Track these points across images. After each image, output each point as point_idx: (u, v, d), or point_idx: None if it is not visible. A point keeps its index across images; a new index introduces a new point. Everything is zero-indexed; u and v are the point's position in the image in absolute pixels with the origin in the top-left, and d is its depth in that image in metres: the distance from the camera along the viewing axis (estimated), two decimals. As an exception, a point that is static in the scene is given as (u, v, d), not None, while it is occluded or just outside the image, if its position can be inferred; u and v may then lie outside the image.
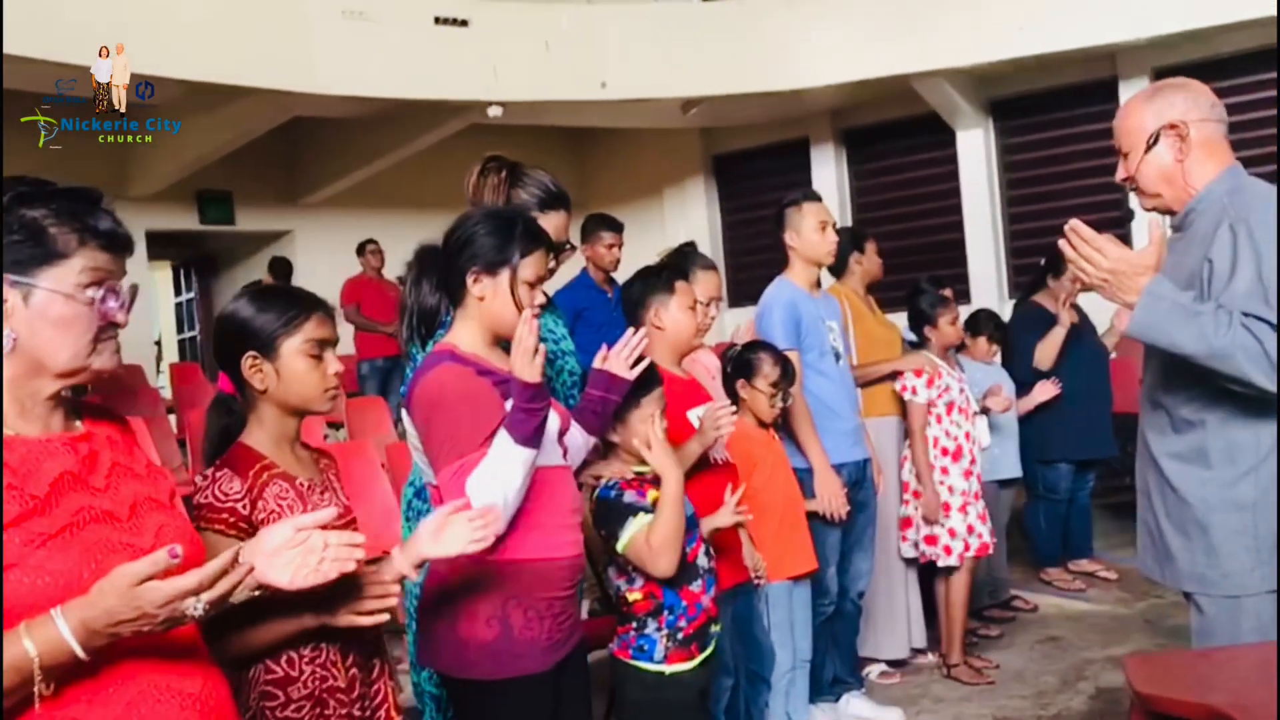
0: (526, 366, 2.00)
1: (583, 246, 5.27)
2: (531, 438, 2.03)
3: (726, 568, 2.84)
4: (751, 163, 9.90)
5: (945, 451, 4.11)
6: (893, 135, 9.29)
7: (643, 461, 2.43)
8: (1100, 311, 5.89)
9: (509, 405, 2.04)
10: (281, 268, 8.57)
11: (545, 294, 2.57)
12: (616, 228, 5.24)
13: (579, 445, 2.40)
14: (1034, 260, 8.42)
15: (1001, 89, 8.68)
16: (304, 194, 9.52)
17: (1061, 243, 2.06)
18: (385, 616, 1.80)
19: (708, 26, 8.40)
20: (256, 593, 1.45)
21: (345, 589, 1.73)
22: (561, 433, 2.24)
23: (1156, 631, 4.53)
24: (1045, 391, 5.00)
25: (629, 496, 2.40)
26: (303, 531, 1.48)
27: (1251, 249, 2.02)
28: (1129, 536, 5.96)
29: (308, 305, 1.91)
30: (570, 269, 5.49)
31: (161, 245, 9.28)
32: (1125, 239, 2.33)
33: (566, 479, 2.24)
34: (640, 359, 2.41)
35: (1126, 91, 8.15)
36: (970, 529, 4.10)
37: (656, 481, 2.38)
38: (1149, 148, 2.20)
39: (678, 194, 10.20)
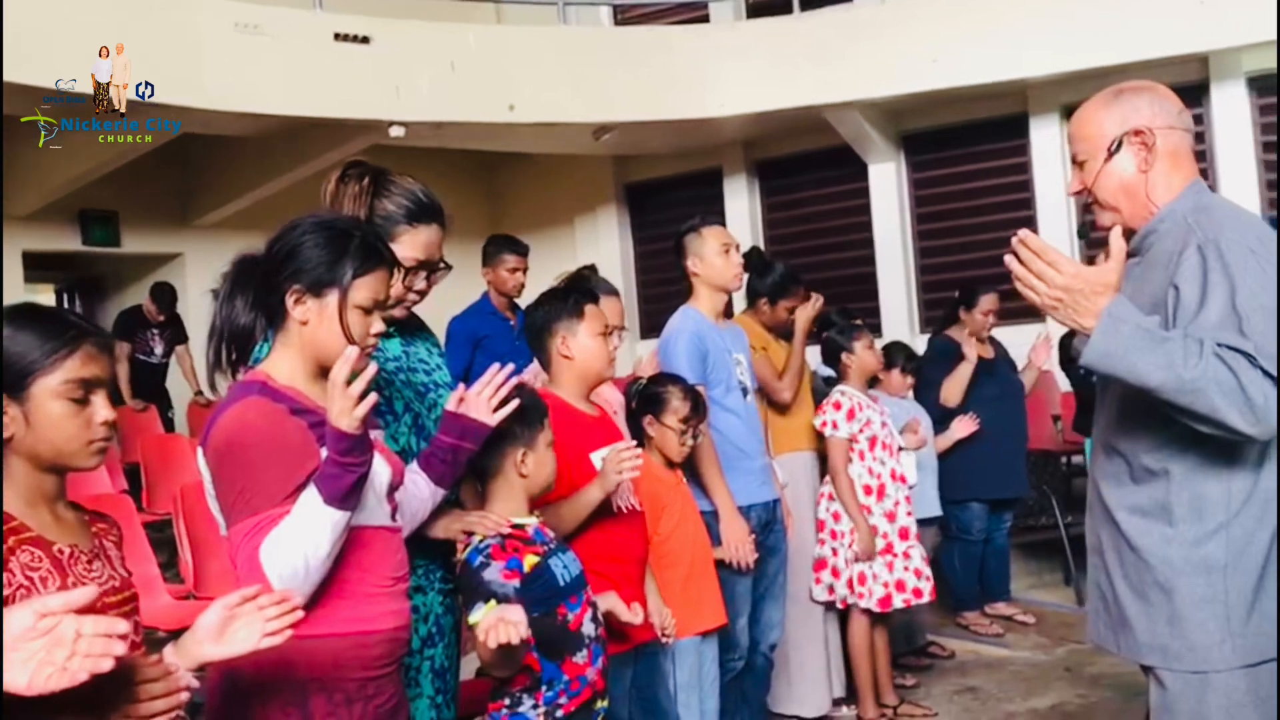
0: (343, 412, 1.66)
1: (484, 270, 4.99)
2: (344, 498, 1.69)
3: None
4: (664, 192, 9.71)
5: (868, 490, 3.92)
6: (805, 167, 9.19)
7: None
8: (1019, 345, 5.82)
9: (324, 454, 1.72)
10: (164, 295, 8.10)
11: (414, 313, 2.28)
12: (521, 250, 4.97)
13: (423, 499, 2.07)
14: (945, 294, 8.42)
15: (913, 122, 8.64)
16: (195, 215, 9.08)
17: (1008, 258, 1.80)
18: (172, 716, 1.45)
19: (619, 52, 8.21)
20: None
21: (119, 685, 1.38)
22: (393, 487, 1.92)
23: (1078, 680, 4.37)
24: (965, 427, 4.86)
25: (493, 572, 2.11)
26: (48, 618, 1.16)
27: (1223, 274, 1.79)
28: (1045, 577, 5.95)
29: (73, 336, 1.54)
30: (469, 292, 5.21)
31: (41, 267, 8.76)
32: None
33: (391, 543, 1.90)
34: (508, 399, 2.11)
35: (1036, 127, 8.18)
36: (905, 575, 3.90)
37: (535, 540, 2.12)
38: (1110, 155, 1.98)
39: (589, 222, 9.97)
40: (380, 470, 1.83)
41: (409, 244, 2.14)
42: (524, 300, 5.23)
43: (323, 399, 1.79)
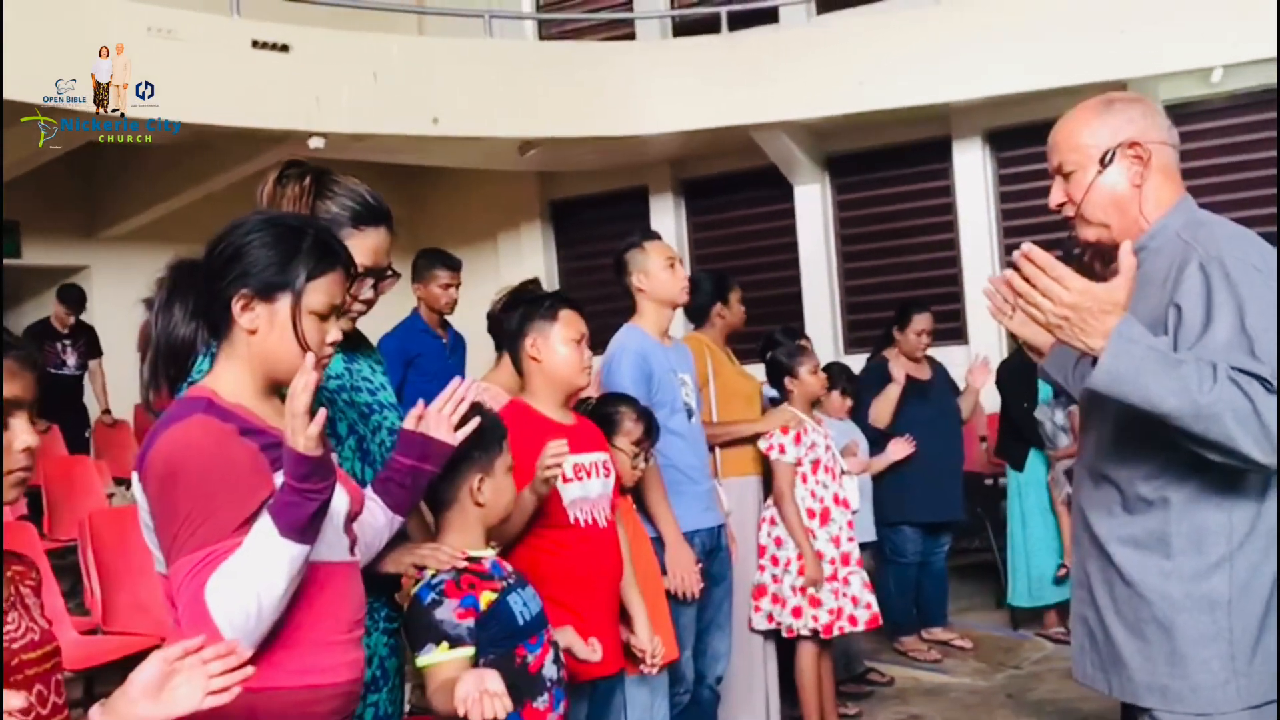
0: (300, 432, 1.49)
1: (415, 286, 4.81)
2: (303, 529, 1.51)
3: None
4: (590, 210, 9.61)
5: (811, 514, 3.83)
6: (732, 187, 9.17)
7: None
8: (958, 365, 5.81)
9: (280, 480, 1.54)
10: (71, 296, 7.70)
11: (355, 327, 2.11)
12: (453, 266, 4.81)
13: (378, 528, 1.88)
14: (869, 315, 8.45)
15: (839, 144, 8.67)
16: (103, 226, 8.71)
17: (1009, 273, 1.70)
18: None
19: (546, 66, 8.09)
20: None
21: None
22: (351, 517, 1.73)
23: (1020, 707, 4.33)
24: (900, 450, 4.81)
25: (446, 610, 1.94)
26: None
27: (1229, 293, 1.69)
28: (979, 600, 5.93)
29: None
30: (398, 309, 5.02)
31: (-67, 279, 8.29)
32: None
33: (350, 580, 1.71)
34: (468, 417, 1.95)
35: (959, 151, 8.26)
36: (843, 601, 3.80)
37: (492, 575, 1.97)
38: (1103, 168, 1.88)
39: (513, 239, 9.81)
40: (339, 498, 1.65)
41: (355, 249, 1.95)
42: (456, 319, 5.08)
43: (273, 417, 1.62)
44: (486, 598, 1.97)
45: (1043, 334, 2.00)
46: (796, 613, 3.79)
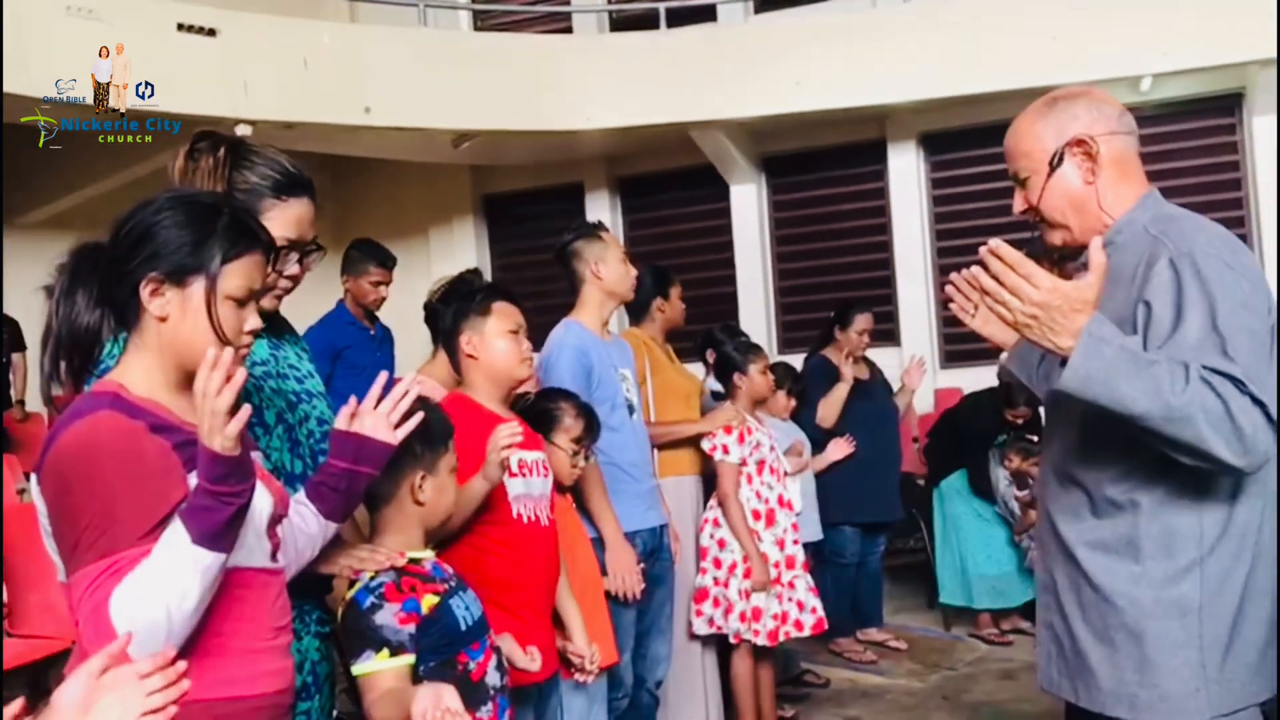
0: (218, 430, 1.37)
1: (344, 278, 4.66)
2: (218, 535, 1.40)
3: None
4: (524, 205, 9.48)
5: (756, 515, 3.77)
6: (668, 186, 9.11)
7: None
8: (891, 367, 5.81)
9: (194, 482, 1.42)
10: (-24, 281, 7.37)
11: (280, 312, 1.99)
12: (387, 263, 4.66)
13: (311, 535, 1.75)
14: (803, 315, 8.46)
15: (775, 145, 8.66)
16: (17, 213, 8.35)
17: (975, 269, 1.63)
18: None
19: (481, 58, 7.95)
20: None
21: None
22: (275, 519, 1.62)
23: (957, 709, 4.32)
24: (839, 450, 4.78)
25: (387, 615, 1.84)
26: None
27: (1200, 290, 1.65)
28: (913, 600, 5.93)
29: None
30: (317, 305, 4.86)
31: None
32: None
33: (271, 587, 1.60)
34: (410, 413, 1.82)
35: (894, 153, 8.30)
36: (788, 606, 3.75)
37: (433, 577, 1.87)
38: (1052, 170, 1.84)
39: (445, 234, 9.64)
40: (260, 500, 1.53)
41: (278, 221, 1.83)
42: (385, 314, 4.94)
43: (189, 413, 1.49)
44: (428, 601, 1.87)
45: (1007, 333, 1.96)
46: (741, 618, 3.72)
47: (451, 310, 2.58)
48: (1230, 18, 6.52)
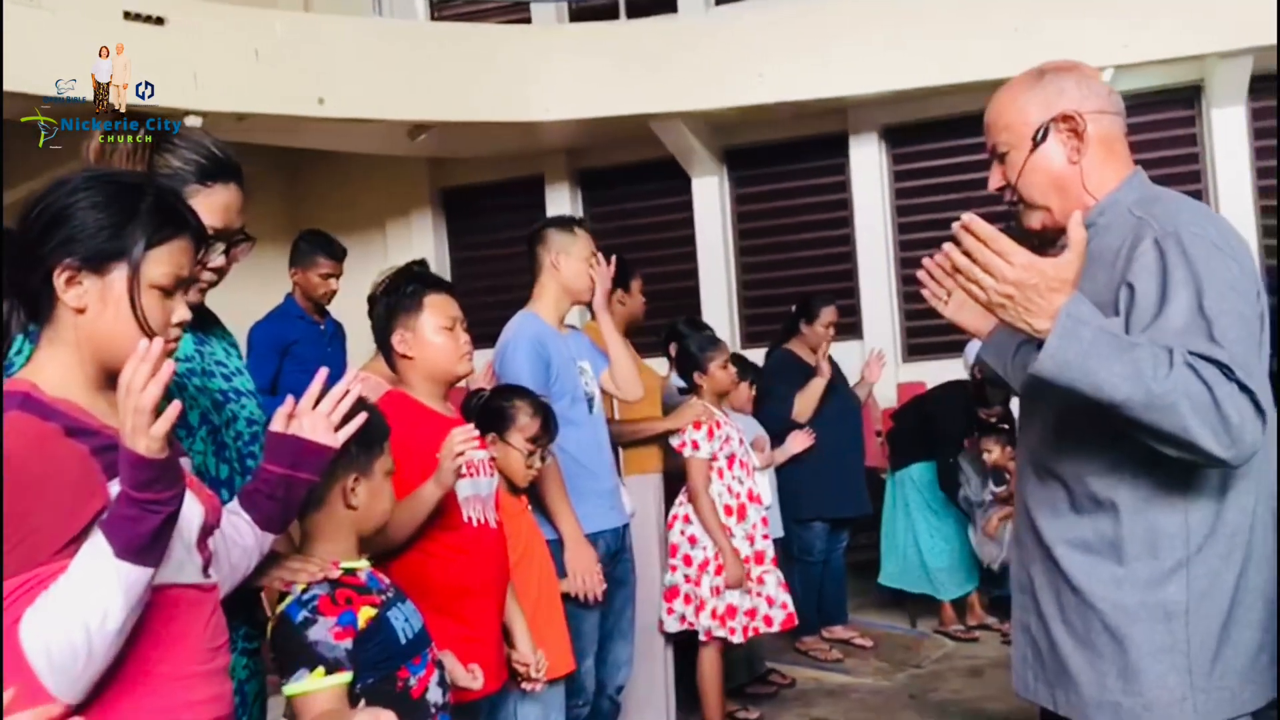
0: (142, 431, 1.24)
1: (293, 270, 4.52)
2: (144, 549, 1.26)
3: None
4: (483, 198, 9.34)
5: (729, 510, 3.69)
6: (630, 178, 9.01)
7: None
8: (853, 361, 5.76)
9: (115, 490, 1.29)
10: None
11: (205, 303, 1.86)
12: (337, 255, 4.52)
13: (247, 548, 1.62)
14: (766, 309, 8.40)
15: (737, 137, 8.59)
16: (-44, 207, 8.13)
17: (948, 246, 1.53)
18: None
19: (438, 48, 7.81)
20: None
21: None
22: (207, 529, 1.49)
23: (925, 708, 4.26)
24: (800, 442, 4.71)
25: (321, 630, 1.71)
26: None
27: (1187, 270, 1.55)
28: (876, 595, 5.89)
29: None
30: (269, 300, 4.71)
31: None
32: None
33: (204, 605, 1.46)
34: (352, 413, 1.68)
35: (855, 146, 8.25)
36: (758, 601, 3.67)
37: (370, 588, 1.75)
38: (1035, 145, 1.74)
39: (402, 227, 9.48)
40: (190, 510, 1.41)
41: (203, 209, 1.69)
42: (336, 308, 4.80)
43: (110, 415, 1.37)
44: (365, 614, 1.75)
45: (981, 319, 1.87)
46: (713, 615, 3.63)
47: (381, 306, 2.43)
48: (1190, 10, 6.52)
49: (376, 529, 1.98)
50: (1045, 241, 1.82)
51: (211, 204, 1.75)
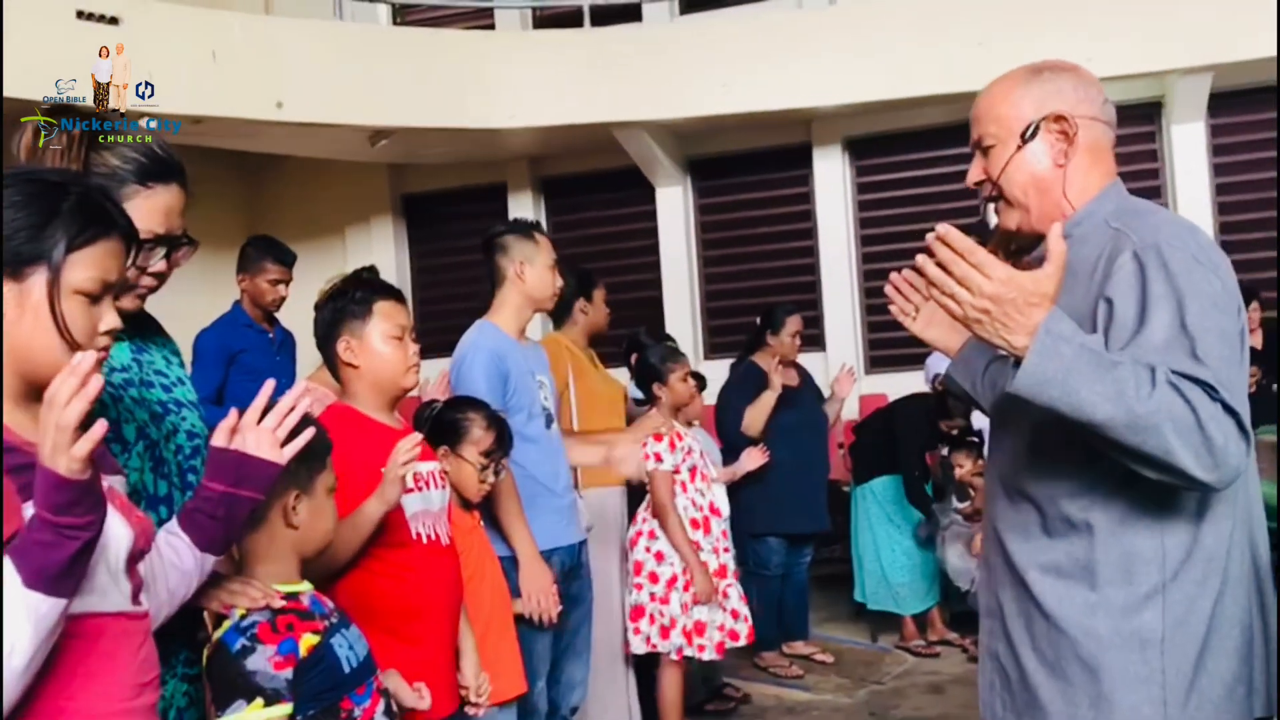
0: (63, 450, 1.15)
1: (240, 277, 4.40)
2: (58, 577, 1.17)
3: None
4: (445, 206, 9.24)
5: (694, 524, 3.63)
6: (593, 187, 8.96)
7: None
8: (816, 373, 5.70)
9: (29, 512, 1.20)
10: None
11: (145, 315, 1.76)
12: (285, 260, 4.39)
13: (186, 570, 1.53)
14: (730, 320, 8.36)
15: (701, 147, 8.56)
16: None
17: (921, 259, 1.45)
18: None
19: (400, 53, 7.72)
20: None
21: None
22: (136, 555, 1.39)
23: (885, 726, 4.21)
24: (752, 460, 4.62)
25: (260, 659, 1.62)
26: None
27: (1167, 285, 1.48)
28: (838, 609, 5.85)
29: None
30: (223, 308, 4.58)
31: None
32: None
33: (131, 635, 1.36)
34: (299, 429, 1.59)
35: (819, 157, 8.25)
36: (723, 616, 3.61)
37: (313, 614, 1.67)
38: (1023, 142, 1.67)
39: (363, 234, 9.36)
40: (116, 533, 1.32)
41: (142, 211, 1.61)
42: (286, 316, 4.69)
43: (28, 429, 1.28)
44: (307, 641, 1.66)
45: (950, 336, 1.81)
46: (683, 633, 3.56)
47: (326, 312, 2.32)
48: (1152, 26, 6.57)
49: (319, 549, 1.89)
50: (1022, 249, 1.76)
51: (152, 206, 1.65)
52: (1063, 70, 1.73)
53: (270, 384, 1.64)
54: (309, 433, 1.61)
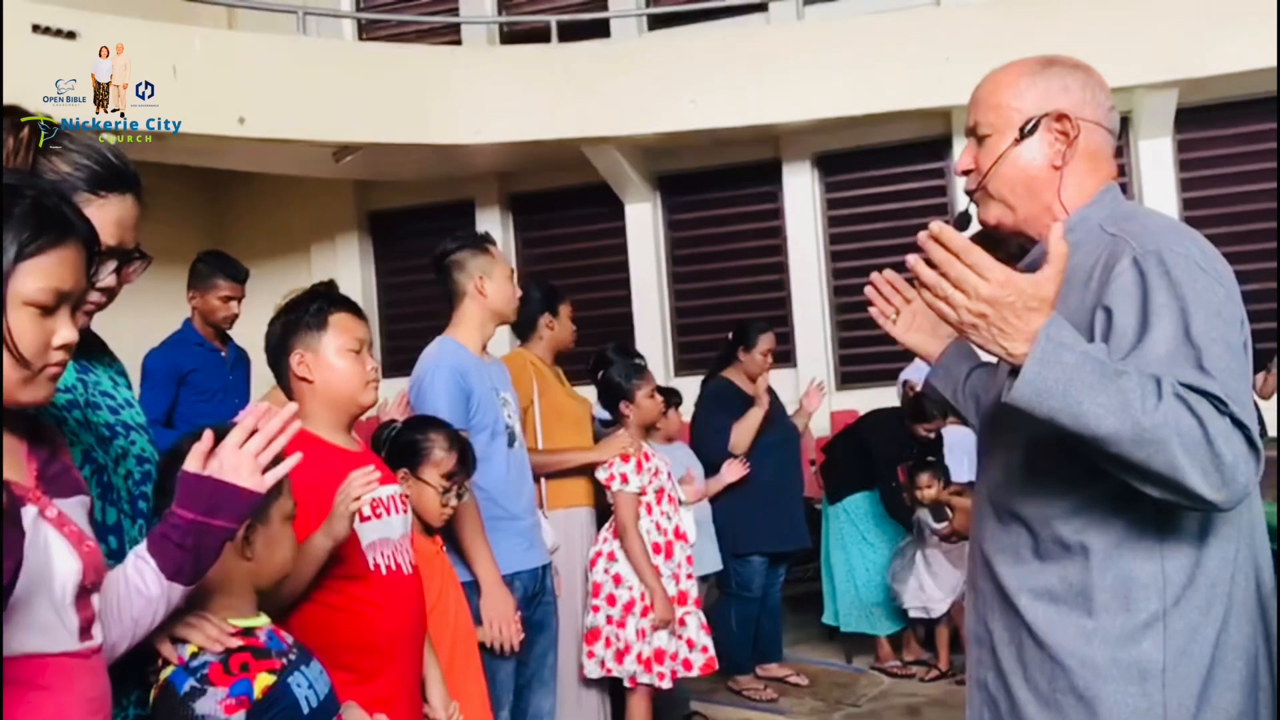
0: None
1: (190, 293, 4.27)
2: None
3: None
4: (412, 223, 9.13)
5: (656, 548, 3.52)
6: (563, 204, 8.89)
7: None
8: (787, 389, 5.64)
9: None
10: None
11: (90, 334, 1.67)
12: (238, 276, 4.27)
13: (151, 598, 1.42)
14: (699, 337, 8.29)
15: (670, 163, 8.53)
16: None
17: (913, 259, 1.36)
18: None
19: (365, 68, 7.63)
20: None
21: None
22: (87, 588, 1.29)
23: (861, 750, 4.13)
24: (734, 471, 4.56)
25: (210, 703, 1.50)
26: None
27: (1170, 294, 1.40)
28: (811, 630, 5.77)
29: None
30: (163, 319, 4.44)
31: None
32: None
33: (82, 675, 1.26)
34: (280, 457, 1.49)
35: (789, 173, 8.22)
36: (679, 645, 3.51)
37: (269, 650, 1.57)
38: (1021, 137, 1.58)
39: (328, 251, 9.24)
40: (62, 565, 1.22)
41: (94, 221, 1.46)
42: (238, 333, 4.56)
43: None
44: (263, 681, 1.55)
45: (931, 340, 1.74)
46: (639, 659, 3.46)
47: (279, 325, 2.20)
48: (1119, 42, 6.57)
49: (275, 580, 1.78)
50: (1012, 255, 1.66)
51: (104, 217, 1.54)
52: (1074, 68, 1.65)
53: (260, 406, 1.54)
54: (296, 457, 1.51)
